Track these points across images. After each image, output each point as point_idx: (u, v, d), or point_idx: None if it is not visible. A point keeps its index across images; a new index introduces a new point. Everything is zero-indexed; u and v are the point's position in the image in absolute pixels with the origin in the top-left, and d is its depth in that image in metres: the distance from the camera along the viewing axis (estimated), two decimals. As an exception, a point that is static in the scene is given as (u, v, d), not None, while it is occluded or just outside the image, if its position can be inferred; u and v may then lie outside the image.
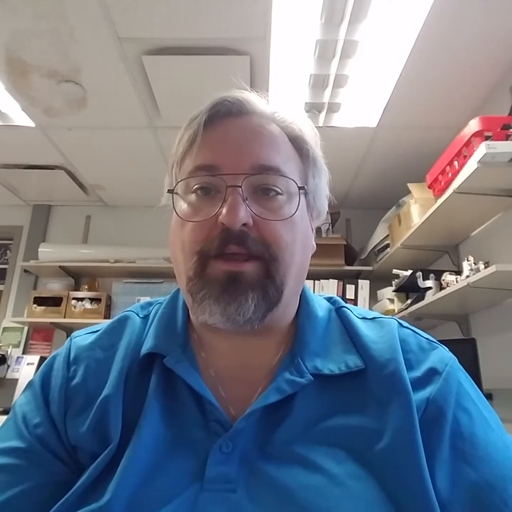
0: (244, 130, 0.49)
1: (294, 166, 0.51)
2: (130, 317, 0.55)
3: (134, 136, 2.34)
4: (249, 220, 0.45)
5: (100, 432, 0.45)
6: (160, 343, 0.49)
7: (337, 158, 2.45)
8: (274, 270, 0.46)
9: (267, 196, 0.47)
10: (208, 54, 1.73)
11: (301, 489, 0.39)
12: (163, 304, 0.57)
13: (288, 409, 0.45)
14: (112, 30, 1.63)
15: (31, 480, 0.44)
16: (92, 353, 0.51)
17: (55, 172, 2.71)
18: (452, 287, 1.78)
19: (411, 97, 1.98)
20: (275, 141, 0.50)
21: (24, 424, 0.47)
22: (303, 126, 0.53)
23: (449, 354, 0.50)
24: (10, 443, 0.46)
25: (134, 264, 2.81)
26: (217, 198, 0.46)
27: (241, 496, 0.40)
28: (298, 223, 0.49)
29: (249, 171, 0.46)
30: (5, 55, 1.73)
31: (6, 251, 3.26)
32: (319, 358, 0.48)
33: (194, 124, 0.50)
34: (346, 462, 0.41)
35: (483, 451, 0.42)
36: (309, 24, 1.60)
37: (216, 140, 0.49)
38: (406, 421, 0.42)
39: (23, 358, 2.80)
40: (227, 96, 0.51)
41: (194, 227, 0.47)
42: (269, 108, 0.52)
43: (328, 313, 0.55)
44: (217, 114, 0.50)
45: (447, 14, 1.54)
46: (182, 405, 0.46)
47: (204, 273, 0.45)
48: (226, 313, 0.44)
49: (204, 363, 0.50)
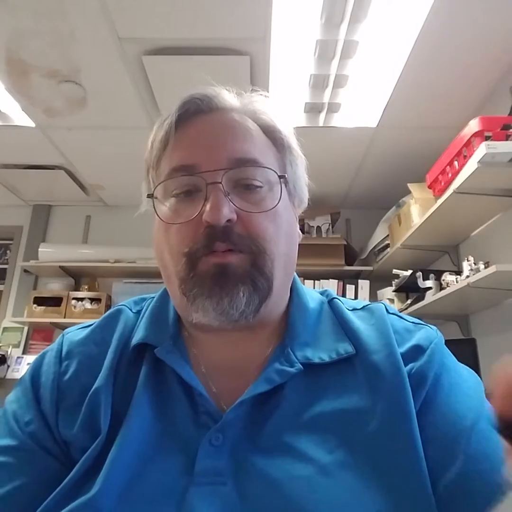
0: (217, 125, 0.49)
1: (271, 156, 0.50)
2: (123, 311, 0.55)
3: (134, 136, 2.34)
4: (233, 216, 0.45)
5: (91, 426, 0.44)
6: (151, 334, 0.49)
7: (337, 158, 2.48)
8: (262, 262, 0.45)
9: (248, 190, 0.47)
10: (208, 54, 1.73)
11: (290, 481, 0.39)
12: (154, 299, 0.56)
13: (278, 399, 0.44)
14: (112, 30, 1.62)
15: (23, 477, 0.43)
16: (85, 348, 0.51)
17: (55, 172, 2.71)
18: (452, 287, 1.78)
19: (411, 97, 1.98)
20: (249, 133, 0.50)
21: (15, 422, 0.47)
22: (274, 116, 0.53)
23: (435, 333, 0.49)
24: (1, 441, 0.46)
25: (134, 264, 2.81)
26: (198, 197, 0.46)
27: (231, 489, 0.40)
28: (282, 213, 0.49)
29: (227, 166, 0.46)
30: (5, 55, 1.73)
31: (6, 251, 3.26)
32: (310, 348, 0.48)
33: (165, 126, 0.49)
34: (337, 450, 0.41)
35: (448, 407, 0.43)
36: (309, 24, 1.60)
37: (189, 139, 0.49)
38: (400, 400, 0.42)
39: (23, 358, 2.81)
40: (196, 94, 0.50)
41: (179, 229, 0.46)
42: (239, 102, 0.52)
43: (320, 305, 0.54)
44: (187, 113, 0.50)
45: (447, 14, 1.54)
46: (172, 397, 0.46)
47: (195, 272, 0.45)
48: (220, 307, 0.44)
49: (195, 359, 0.50)
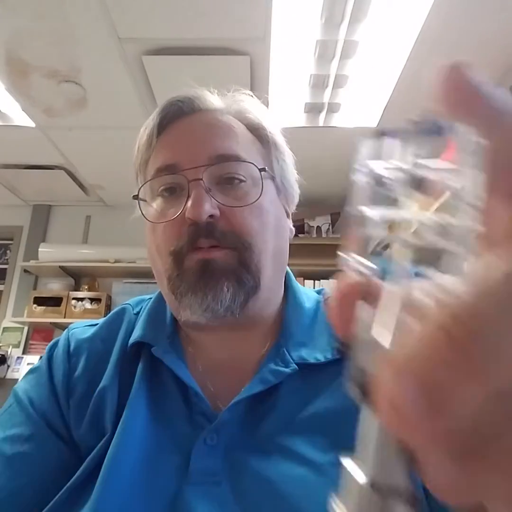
0: (198, 124, 0.50)
1: (255, 152, 0.50)
2: (127, 310, 0.56)
3: (134, 136, 2.33)
4: (216, 211, 0.45)
5: (97, 425, 0.45)
6: (147, 333, 0.49)
7: (337, 158, 2.48)
8: (247, 257, 0.45)
9: (230, 185, 0.47)
10: (208, 54, 1.73)
11: (285, 482, 0.39)
12: (151, 299, 0.57)
13: (273, 400, 0.44)
14: (112, 30, 1.62)
15: (43, 468, 0.44)
16: (92, 345, 0.51)
17: (55, 172, 2.71)
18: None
19: (411, 97, 1.98)
20: (232, 130, 0.50)
21: (33, 409, 0.47)
22: (259, 114, 0.53)
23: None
24: (18, 429, 0.46)
25: (134, 264, 2.81)
26: (182, 196, 0.47)
27: (225, 489, 0.39)
28: (267, 208, 0.49)
29: (207, 163, 0.46)
30: (5, 55, 1.73)
31: (6, 251, 3.26)
32: (305, 347, 0.47)
33: (148, 129, 0.51)
34: (331, 450, 0.41)
35: None
36: (309, 24, 1.60)
37: (172, 140, 0.50)
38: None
39: (23, 358, 2.81)
40: (177, 96, 0.51)
41: (164, 228, 0.47)
42: (223, 102, 0.53)
43: (316, 304, 0.54)
44: (169, 115, 0.50)
45: (447, 15, 1.54)
46: (168, 396, 0.46)
47: (181, 270, 0.46)
48: (204, 303, 0.44)
49: (191, 358, 0.50)
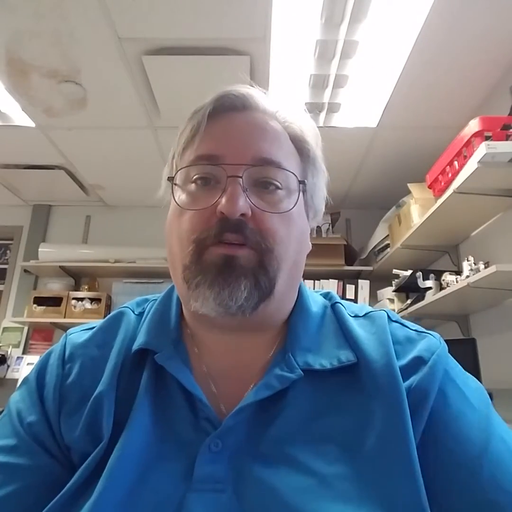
0: (248, 123, 0.50)
1: (294, 164, 0.51)
2: (125, 313, 0.55)
3: (134, 136, 2.34)
4: (248, 211, 0.45)
5: (93, 431, 0.44)
6: (151, 339, 0.49)
7: (337, 158, 2.48)
8: (267, 261, 0.45)
9: (266, 190, 0.47)
10: (208, 54, 1.73)
11: (289, 491, 0.39)
12: (157, 300, 0.56)
13: (280, 406, 0.44)
14: (112, 30, 1.62)
15: (25, 479, 0.43)
16: (87, 351, 0.51)
17: (55, 172, 2.71)
18: (452, 287, 1.77)
19: (411, 97, 1.98)
20: (278, 137, 0.50)
21: (19, 422, 0.47)
22: (304, 127, 0.53)
23: (438, 342, 0.49)
24: (5, 441, 0.46)
25: (134, 264, 2.81)
26: (216, 189, 0.46)
27: (229, 496, 0.39)
28: (295, 219, 0.49)
29: (250, 163, 0.47)
30: (5, 55, 1.73)
31: (6, 251, 3.26)
32: (311, 353, 0.47)
33: (198, 116, 0.50)
34: (337, 462, 0.41)
35: (454, 430, 0.42)
36: (309, 24, 1.60)
37: (219, 131, 0.49)
38: (397, 413, 0.42)
39: (23, 358, 2.81)
40: (232, 90, 0.51)
41: (192, 216, 0.47)
42: (272, 106, 0.53)
43: (323, 309, 0.54)
44: (221, 107, 0.50)
45: (447, 14, 1.54)
46: (172, 403, 0.46)
47: (201, 260, 0.45)
48: (219, 298, 0.44)
49: (196, 359, 0.50)
